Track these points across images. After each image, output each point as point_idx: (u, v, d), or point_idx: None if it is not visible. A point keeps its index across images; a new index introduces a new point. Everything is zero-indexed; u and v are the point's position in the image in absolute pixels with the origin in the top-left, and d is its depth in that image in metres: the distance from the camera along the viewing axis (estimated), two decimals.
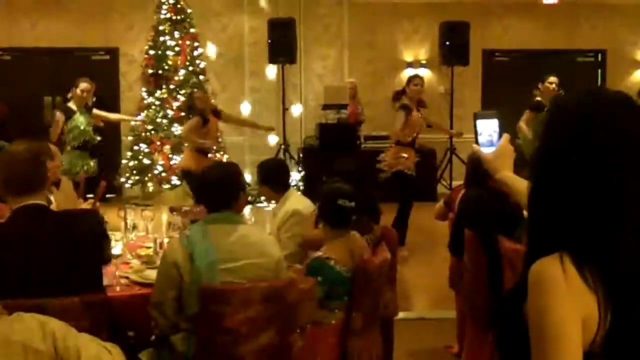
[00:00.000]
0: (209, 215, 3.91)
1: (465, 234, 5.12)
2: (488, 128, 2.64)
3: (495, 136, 2.64)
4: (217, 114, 10.31)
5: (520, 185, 2.45)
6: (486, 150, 2.62)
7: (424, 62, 15.31)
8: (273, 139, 14.57)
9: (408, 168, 9.50)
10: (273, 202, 5.78)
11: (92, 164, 10.12)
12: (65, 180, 5.98)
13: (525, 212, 5.12)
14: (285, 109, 14.30)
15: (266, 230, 6.11)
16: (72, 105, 10.12)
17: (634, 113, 1.90)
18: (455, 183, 14.22)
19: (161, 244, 4.78)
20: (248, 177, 12.34)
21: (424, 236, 9.88)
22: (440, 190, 13.79)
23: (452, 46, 14.31)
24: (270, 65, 14.40)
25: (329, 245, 4.34)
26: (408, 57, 15.32)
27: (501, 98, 15.04)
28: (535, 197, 1.95)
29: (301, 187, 13.03)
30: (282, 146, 14.02)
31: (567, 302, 1.80)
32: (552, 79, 10.68)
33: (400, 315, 5.25)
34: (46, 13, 14.30)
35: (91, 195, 5.62)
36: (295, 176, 13.24)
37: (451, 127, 14.37)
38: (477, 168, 5.65)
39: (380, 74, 15.04)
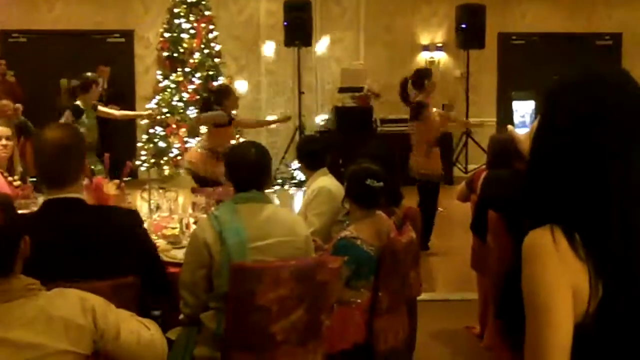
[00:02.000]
0: (237, 194, 3.91)
1: (489, 216, 5.11)
2: (523, 109, 2.70)
3: (528, 118, 2.67)
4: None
5: None
6: (520, 131, 2.67)
7: (440, 45, 15.30)
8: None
9: (435, 173, 9.03)
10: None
11: (100, 166, 9.82)
12: None
13: None
14: (301, 92, 14.29)
15: (293, 211, 6.12)
16: (80, 103, 9.96)
17: (626, 90, 1.94)
18: (471, 166, 14.25)
19: (187, 225, 4.80)
20: None
21: (444, 219, 9.86)
22: (457, 173, 13.79)
23: (469, 29, 14.31)
24: (286, 47, 14.37)
25: (356, 225, 4.35)
26: (424, 40, 15.30)
27: (517, 81, 15.02)
28: (530, 172, 2.02)
29: None
30: (298, 129, 14.02)
31: (557, 271, 1.85)
32: None
33: (423, 296, 5.25)
34: None
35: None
36: None
37: (467, 110, 14.36)
38: (501, 149, 5.68)
39: (396, 57, 15.01)
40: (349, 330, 4.20)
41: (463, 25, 14.29)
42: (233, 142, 9.06)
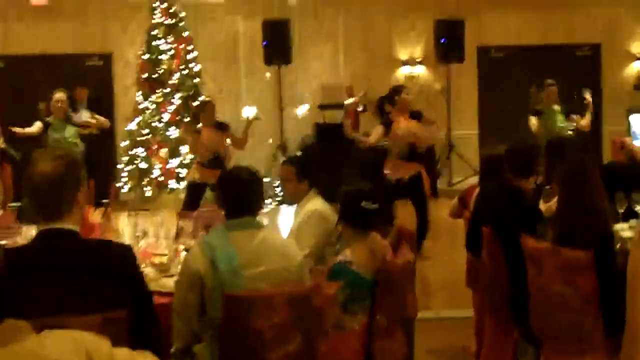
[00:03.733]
0: (229, 220, 3.82)
1: (483, 231, 5.04)
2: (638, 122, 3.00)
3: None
4: (223, 127, 10.07)
5: None
6: (637, 143, 3.04)
7: (419, 59, 15.28)
8: (271, 140, 14.52)
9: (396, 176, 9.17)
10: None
11: None
12: None
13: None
14: (281, 110, 14.23)
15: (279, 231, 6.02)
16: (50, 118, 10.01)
17: None
18: (455, 179, 14.21)
19: (176, 251, 4.69)
20: None
21: (433, 233, 9.77)
22: (441, 185, 13.73)
23: (448, 43, 14.31)
24: (266, 66, 14.31)
25: (350, 248, 4.26)
26: (404, 55, 15.27)
27: (498, 94, 15.04)
28: None
29: None
30: (280, 146, 13.95)
31: None
32: (551, 87, 10.56)
33: (418, 314, 5.16)
34: (40, 19, 14.16)
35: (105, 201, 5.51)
36: None
37: (449, 123, 14.35)
38: (494, 165, 5.62)
39: (376, 73, 14.96)
40: (346, 355, 4.10)
41: (442, 40, 14.28)
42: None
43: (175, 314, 3.67)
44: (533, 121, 10.49)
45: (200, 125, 9.91)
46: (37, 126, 10.29)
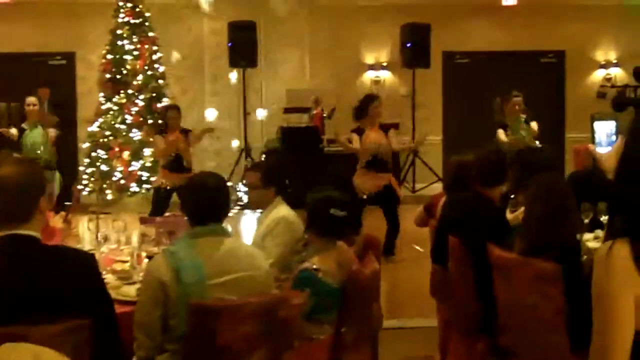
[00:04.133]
0: (194, 228, 3.73)
1: (450, 241, 4.99)
2: (604, 129, 3.13)
3: (605, 137, 3.13)
4: (187, 132, 10.47)
5: None
6: (601, 151, 3.16)
7: (385, 64, 15.30)
8: (235, 143, 14.44)
9: (365, 191, 9.30)
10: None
11: (55, 185, 9.64)
12: None
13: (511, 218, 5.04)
14: (246, 113, 14.14)
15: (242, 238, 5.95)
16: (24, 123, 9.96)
17: None
18: (418, 185, 14.20)
19: (138, 258, 4.59)
20: None
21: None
22: (405, 192, 13.68)
23: (414, 48, 14.31)
24: (231, 68, 14.23)
25: (317, 256, 4.19)
26: (370, 59, 15.26)
27: (463, 100, 15.08)
28: (617, 192, 2.47)
29: None
30: (244, 150, 13.86)
31: (623, 280, 2.20)
32: (516, 99, 10.31)
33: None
34: (2, 18, 13.93)
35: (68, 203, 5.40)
36: None
37: (413, 129, 14.34)
38: (461, 172, 5.57)
39: (342, 77, 14.95)
40: None
41: (408, 44, 14.27)
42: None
43: (137, 326, 3.56)
44: (501, 135, 10.21)
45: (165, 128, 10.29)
46: (14, 131, 10.22)
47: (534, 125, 10.21)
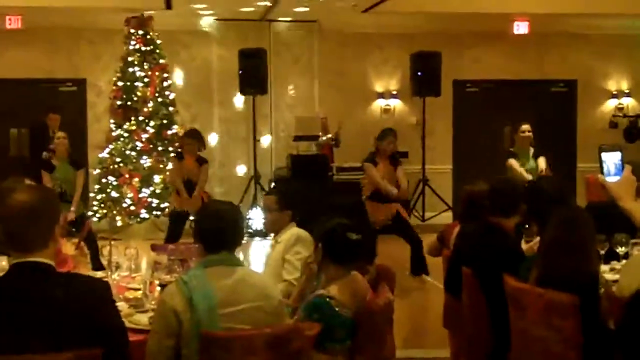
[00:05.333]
0: (207, 257, 3.70)
1: (464, 272, 4.94)
2: (612, 159, 3.19)
3: (613, 168, 3.19)
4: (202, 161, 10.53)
5: None
6: (610, 180, 3.16)
7: (394, 92, 15.26)
8: (242, 170, 14.46)
9: (377, 221, 9.44)
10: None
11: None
12: None
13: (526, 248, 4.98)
14: (255, 140, 14.14)
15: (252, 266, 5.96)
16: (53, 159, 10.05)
17: None
18: (428, 214, 14.16)
19: (151, 286, 4.56)
20: None
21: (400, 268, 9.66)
22: (414, 222, 13.62)
23: (424, 77, 14.27)
24: (240, 95, 14.25)
25: (332, 285, 4.13)
26: (379, 87, 15.25)
27: (473, 129, 15.05)
28: None
29: None
30: (253, 177, 13.84)
31: None
32: (525, 126, 10.05)
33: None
34: (13, 44, 13.97)
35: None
36: None
37: (423, 157, 14.32)
38: (474, 202, 5.53)
39: (351, 105, 14.94)
40: None
41: (419, 73, 14.25)
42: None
43: (149, 354, 3.53)
44: (514, 164, 9.85)
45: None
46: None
47: (541, 162, 9.76)
